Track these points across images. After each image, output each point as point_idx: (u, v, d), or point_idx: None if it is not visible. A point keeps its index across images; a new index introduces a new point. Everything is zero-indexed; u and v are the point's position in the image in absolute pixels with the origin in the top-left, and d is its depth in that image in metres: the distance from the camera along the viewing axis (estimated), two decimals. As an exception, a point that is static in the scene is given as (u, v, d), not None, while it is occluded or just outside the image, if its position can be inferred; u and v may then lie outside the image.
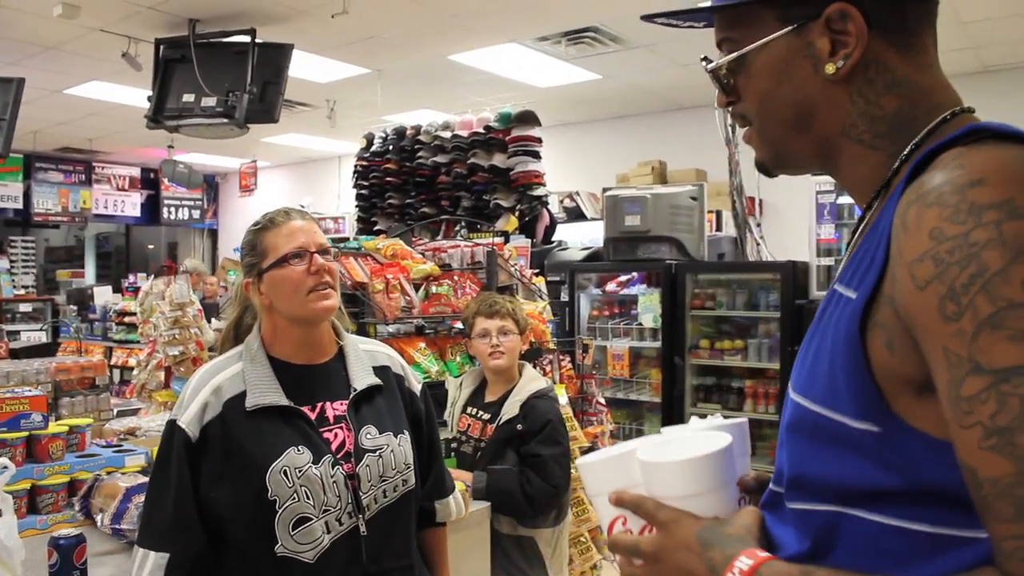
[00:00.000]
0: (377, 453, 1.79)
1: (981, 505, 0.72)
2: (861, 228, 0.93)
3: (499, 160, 5.67)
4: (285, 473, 1.66)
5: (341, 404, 1.81)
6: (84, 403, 3.29)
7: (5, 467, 1.84)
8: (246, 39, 6.23)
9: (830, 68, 0.90)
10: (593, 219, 7.54)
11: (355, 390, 1.83)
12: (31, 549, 1.90)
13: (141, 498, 2.29)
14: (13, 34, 6.68)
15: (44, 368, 3.26)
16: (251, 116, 6.23)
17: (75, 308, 9.39)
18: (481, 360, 3.09)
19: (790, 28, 0.92)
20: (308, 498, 1.67)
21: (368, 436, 1.79)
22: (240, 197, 13.22)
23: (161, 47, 6.47)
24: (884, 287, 0.80)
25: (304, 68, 7.28)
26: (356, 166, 6.55)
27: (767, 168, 1.03)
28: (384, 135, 6.41)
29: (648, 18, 1.04)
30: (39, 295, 11.38)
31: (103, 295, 9.10)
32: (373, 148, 6.44)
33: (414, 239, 4.69)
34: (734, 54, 0.97)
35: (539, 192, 5.63)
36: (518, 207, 5.57)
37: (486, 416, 3.00)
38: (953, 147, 0.81)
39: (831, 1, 0.89)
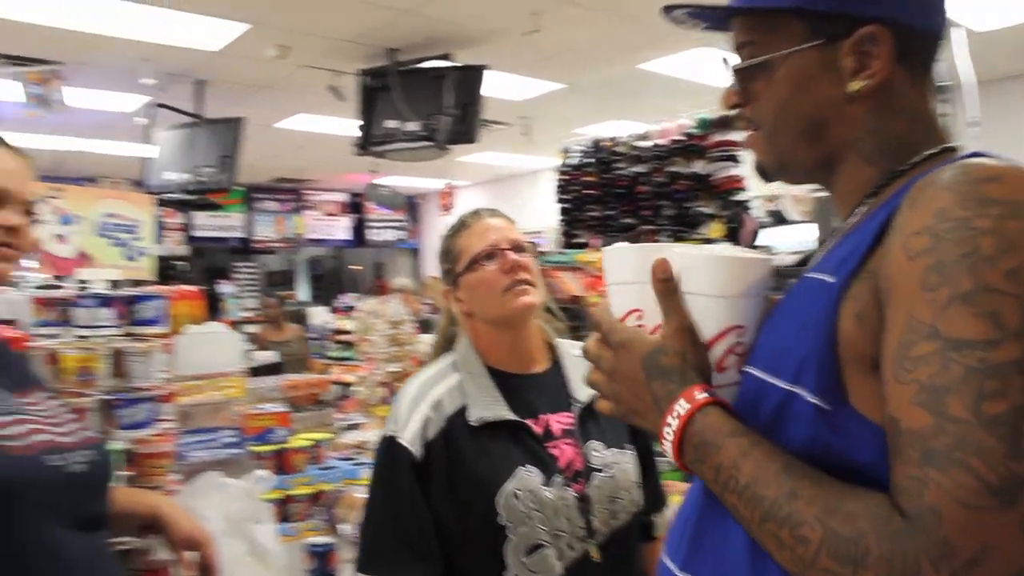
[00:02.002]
0: (607, 472, 1.63)
1: (894, 452, 0.75)
2: (843, 230, 0.96)
3: (699, 167, 5.58)
4: (516, 495, 1.52)
5: (565, 416, 1.66)
6: (313, 418, 3.49)
7: (263, 477, 1.98)
8: (443, 63, 6.44)
9: (855, 86, 0.92)
10: (794, 222, 7.28)
11: (579, 402, 1.67)
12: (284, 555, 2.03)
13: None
14: (235, 78, 7.21)
15: (276, 386, 3.49)
16: (452, 138, 6.42)
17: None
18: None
19: (818, 42, 0.93)
20: (541, 523, 1.52)
21: (595, 452, 1.64)
22: (441, 216, 13.67)
23: (365, 78, 6.80)
24: (869, 264, 0.82)
25: (498, 87, 7.44)
26: (557, 180, 6.62)
27: (766, 172, 1.04)
28: (581, 148, 6.44)
29: (668, 10, 1.02)
30: (263, 318, 12.18)
31: (319, 315, 9.63)
32: (571, 161, 6.48)
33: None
34: (761, 57, 0.96)
35: (740, 197, 5.50)
36: (722, 213, 5.46)
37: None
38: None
39: (863, 22, 0.90)
